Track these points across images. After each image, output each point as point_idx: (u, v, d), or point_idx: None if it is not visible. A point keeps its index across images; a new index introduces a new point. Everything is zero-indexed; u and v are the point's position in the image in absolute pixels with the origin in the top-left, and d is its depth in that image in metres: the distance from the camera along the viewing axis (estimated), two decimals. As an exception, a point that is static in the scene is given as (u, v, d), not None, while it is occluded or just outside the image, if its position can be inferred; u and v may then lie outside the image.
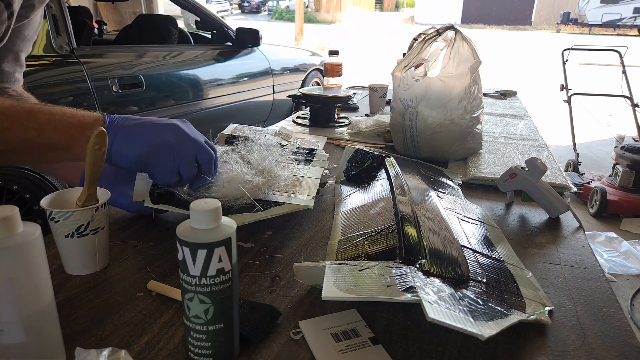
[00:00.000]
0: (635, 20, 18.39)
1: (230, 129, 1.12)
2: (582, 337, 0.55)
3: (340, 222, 0.81)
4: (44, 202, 0.64)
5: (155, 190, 0.76)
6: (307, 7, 24.46)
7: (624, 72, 3.29)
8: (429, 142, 1.16)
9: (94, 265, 0.66)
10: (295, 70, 3.79)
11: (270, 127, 1.36)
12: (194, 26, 3.49)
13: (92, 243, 0.65)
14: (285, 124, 1.58)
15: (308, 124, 1.57)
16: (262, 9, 27.90)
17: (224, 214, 0.71)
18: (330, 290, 0.52)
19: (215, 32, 3.19)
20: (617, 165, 2.92)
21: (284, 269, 0.68)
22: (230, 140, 1.03)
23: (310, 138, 1.20)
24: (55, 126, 0.64)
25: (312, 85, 3.98)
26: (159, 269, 0.67)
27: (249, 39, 3.22)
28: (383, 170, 0.96)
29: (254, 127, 1.16)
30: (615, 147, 3.00)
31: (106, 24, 4.80)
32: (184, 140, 0.70)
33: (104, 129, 0.61)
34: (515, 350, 0.53)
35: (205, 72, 2.88)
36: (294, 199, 0.80)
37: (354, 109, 1.84)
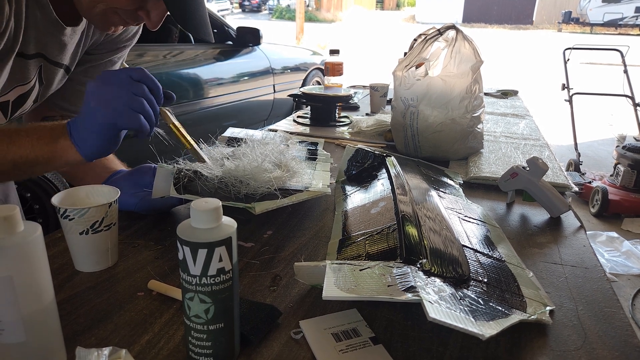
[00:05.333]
0: (636, 19, 18.36)
1: (228, 133, 1.15)
2: (583, 337, 0.55)
3: (341, 222, 0.81)
4: (55, 200, 0.63)
5: (179, 182, 0.76)
6: (307, 6, 24.45)
7: (625, 71, 3.29)
8: (430, 141, 1.16)
9: (107, 262, 0.67)
10: (296, 69, 3.79)
11: (270, 126, 1.36)
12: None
13: (105, 239, 0.65)
14: (286, 123, 1.58)
15: (309, 123, 1.57)
16: (263, 7, 27.90)
17: (247, 202, 0.73)
18: (331, 290, 0.52)
19: (215, 31, 3.19)
20: (619, 165, 2.92)
21: (285, 269, 0.68)
22: (232, 142, 1.04)
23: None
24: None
25: (313, 84, 3.98)
26: (159, 269, 0.67)
27: (249, 38, 3.22)
28: (384, 170, 0.96)
29: (250, 131, 1.17)
30: (617, 146, 2.99)
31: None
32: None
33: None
34: (516, 350, 0.53)
35: (205, 72, 2.88)
36: (311, 186, 0.84)
37: (355, 108, 1.84)
